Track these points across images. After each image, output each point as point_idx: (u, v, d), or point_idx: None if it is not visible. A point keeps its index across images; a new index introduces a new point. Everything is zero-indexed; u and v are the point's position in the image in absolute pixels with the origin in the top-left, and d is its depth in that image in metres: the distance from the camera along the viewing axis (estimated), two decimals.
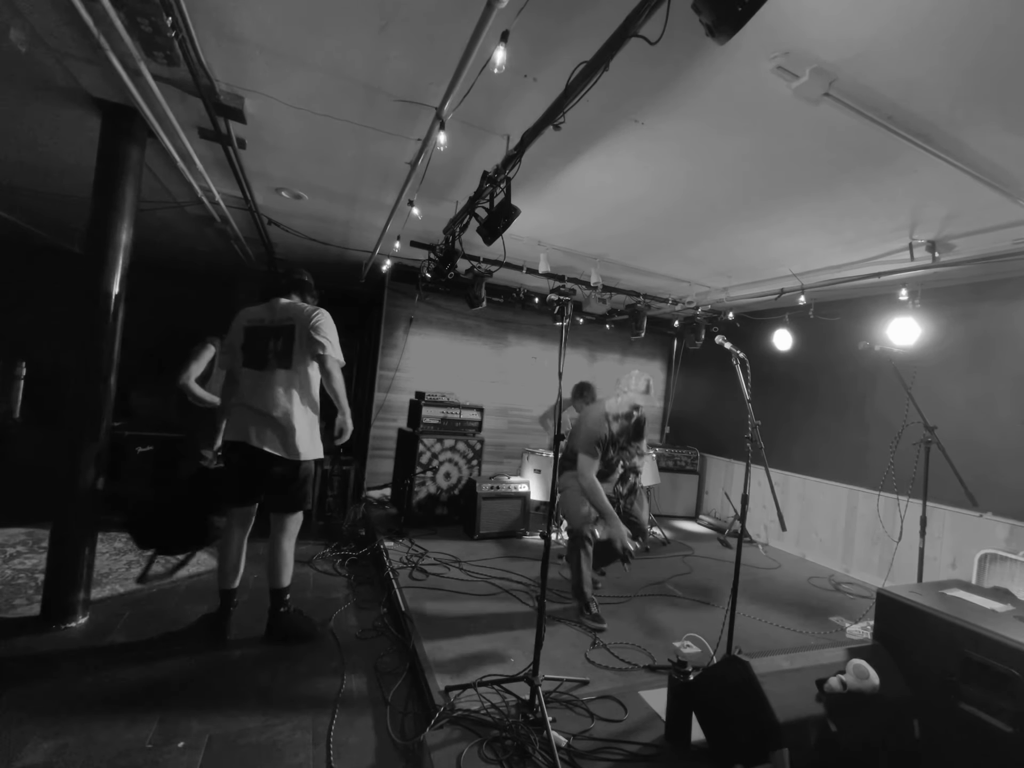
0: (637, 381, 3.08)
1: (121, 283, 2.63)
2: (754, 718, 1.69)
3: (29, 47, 2.09)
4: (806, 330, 4.82)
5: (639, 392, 3.07)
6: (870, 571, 4.20)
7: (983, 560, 3.35)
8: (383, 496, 5.18)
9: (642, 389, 3.07)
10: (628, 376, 3.14)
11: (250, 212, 3.80)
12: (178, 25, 1.84)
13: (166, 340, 5.41)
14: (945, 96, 1.87)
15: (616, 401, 3.15)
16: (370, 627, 2.83)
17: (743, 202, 2.98)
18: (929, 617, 1.96)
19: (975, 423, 3.67)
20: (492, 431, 5.86)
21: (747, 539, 5.02)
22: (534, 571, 3.47)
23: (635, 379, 3.09)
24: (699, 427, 6.47)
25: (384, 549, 3.74)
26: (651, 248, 4.02)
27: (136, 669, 2.27)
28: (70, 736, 1.84)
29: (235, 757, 1.82)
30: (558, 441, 2.19)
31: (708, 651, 2.64)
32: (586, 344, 6.63)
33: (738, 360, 2.51)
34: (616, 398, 3.16)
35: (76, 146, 3.01)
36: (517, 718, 1.94)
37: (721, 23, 1.23)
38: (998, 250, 3.13)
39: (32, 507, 4.04)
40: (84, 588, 2.61)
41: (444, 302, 5.77)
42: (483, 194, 2.70)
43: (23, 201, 4.16)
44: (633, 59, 1.70)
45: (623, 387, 3.13)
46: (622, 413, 3.14)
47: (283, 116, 2.50)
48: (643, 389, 3.07)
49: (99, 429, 2.59)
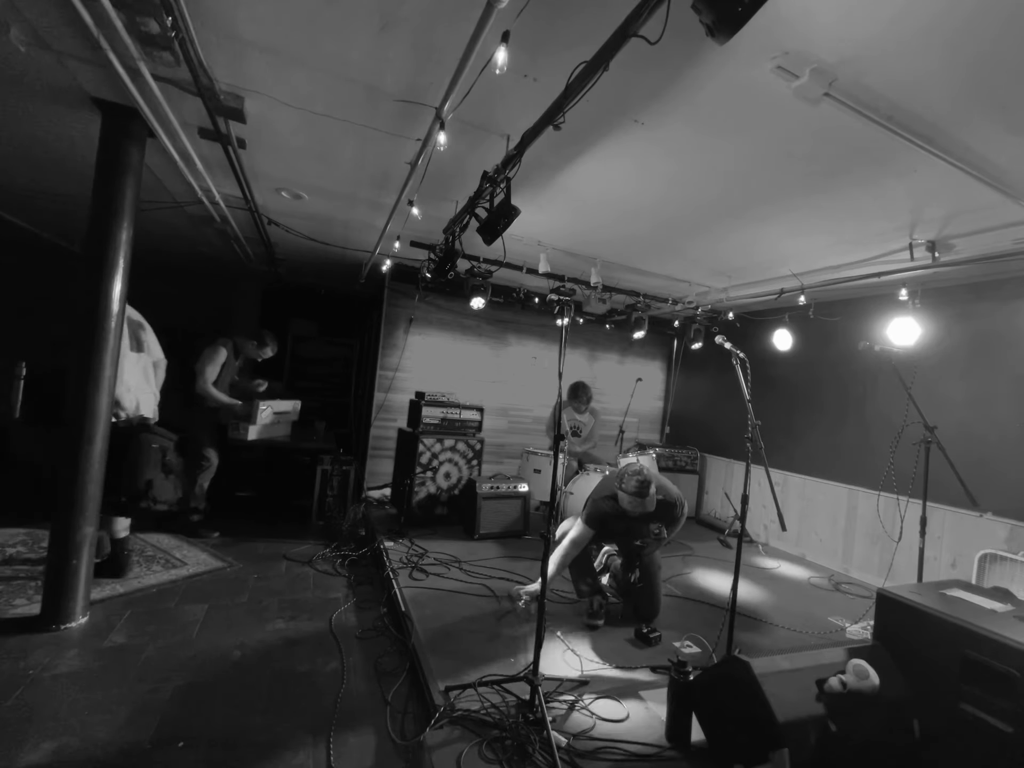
0: (627, 481, 2.75)
1: (121, 282, 2.63)
2: (754, 718, 1.69)
3: (29, 47, 2.09)
4: (806, 330, 4.82)
5: (627, 493, 2.73)
6: (870, 571, 4.20)
7: (983, 560, 3.36)
8: (383, 496, 5.18)
9: (630, 490, 2.71)
10: (624, 468, 2.85)
11: (250, 212, 3.80)
12: (178, 25, 1.84)
13: (166, 340, 5.40)
14: (945, 96, 1.87)
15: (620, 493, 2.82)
16: (370, 627, 2.83)
17: (743, 202, 2.98)
18: (929, 617, 1.96)
19: (975, 423, 3.67)
20: (492, 431, 5.86)
21: (747, 539, 5.02)
22: (534, 571, 3.47)
23: (627, 477, 2.76)
24: (699, 427, 6.47)
25: (384, 549, 3.74)
26: (651, 248, 4.02)
27: (136, 669, 2.27)
28: (70, 736, 1.84)
29: (235, 757, 1.82)
30: (558, 441, 2.19)
31: (708, 651, 2.64)
32: (586, 344, 6.63)
33: (738, 360, 2.51)
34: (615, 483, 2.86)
35: (76, 146, 3.01)
36: (517, 718, 1.94)
37: (721, 23, 1.23)
38: (998, 250, 3.12)
39: (32, 507, 4.05)
40: (84, 588, 2.61)
41: (444, 302, 5.77)
42: (483, 194, 2.69)
43: (23, 201, 4.16)
44: (633, 59, 1.70)
45: (618, 475, 2.84)
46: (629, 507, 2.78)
47: (283, 116, 2.50)
48: (631, 490, 2.71)
49: (99, 429, 2.59)
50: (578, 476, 4.71)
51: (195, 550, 3.74)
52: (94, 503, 2.61)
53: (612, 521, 2.91)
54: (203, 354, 3.99)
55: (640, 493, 2.72)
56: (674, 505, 2.95)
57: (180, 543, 3.83)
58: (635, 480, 2.73)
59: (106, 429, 2.63)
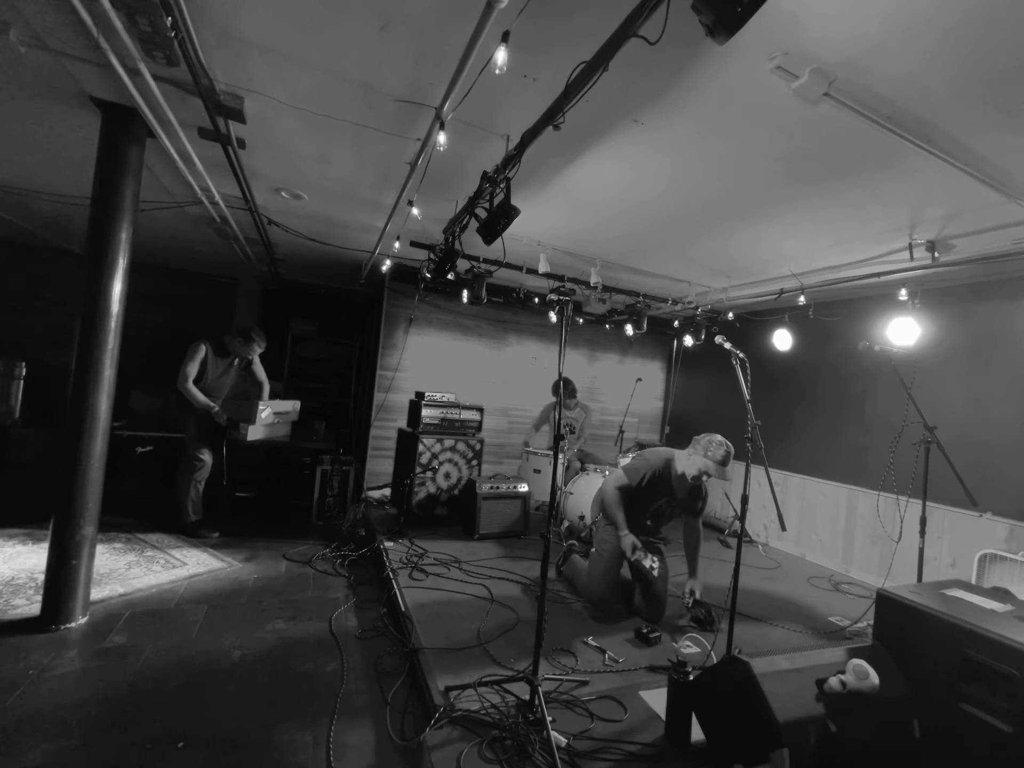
0: (716, 450, 2.73)
1: (121, 282, 2.63)
2: (754, 718, 1.69)
3: (29, 47, 2.09)
4: (806, 330, 4.82)
5: (714, 462, 2.72)
6: (870, 571, 4.20)
7: (983, 560, 3.36)
8: (383, 496, 5.18)
9: (719, 459, 2.71)
10: (708, 438, 2.79)
11: (250, 212, 3.80)
12: (178, 25, 1.84)
13: (166, 340, 5.40)
14: (945, 96, 1.87)
15: (687, 459, 2.86)
16: (370, 627, 2.83)
17: (743, 202, 2.98)
18: (929, 617, 1.96)
19: (975, 423, 3.67)
20: (492, 431, 5.86)
21: (747, 539, 5.02)
22: (534, 571, 3.47)
23: (715, 446, 2.74)
24: (699, 427, 6.36)
25: (384, 549, 3.74)
26: (651, 248, 4.02)
27: (136, 669, 2.27)
28: (70, 736, 1.84)
29: (235, 757, 1.82)
30: (558, 441, 2.19)
31: (708, 651, 2.64)
32: (586, 344, 6.63)
33: (738, 360, 2.51)
34: (688, 456, 2.86)
35: (76, 146, 3.01)
36: (517, 718, 1.94)
37: (720, 23, 1.23)
38: (998, 250, 3.13)
39: (32, 507, 4.04)
40: (84, 588, 2.61)
41: (444, 302, 5.77)
42: (483, 194, 2.69)
43: (23, 201, 4.16)
44: (633, 59, 1.70)
45: (699, 447, 2.81)
46: (689, 474, 2.83)
47: (283, 116, 2.50)
48: (719, 459, 2.71)
49: (99, 429, 2.60)
50: (578, 476, 4.71)
51: (195, 550, 3.74)
52: (94, 503, 2.61)
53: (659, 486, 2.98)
54: (186, 353, 3.99)
55: (726, 462, 2.76)
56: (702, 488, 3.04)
57: (180, 543, 3.83)
58: (724, 449, 2.76)
59: (106, 429, 2.63)
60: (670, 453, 3.03)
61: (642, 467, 3.01)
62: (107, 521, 3.07)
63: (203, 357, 4.00)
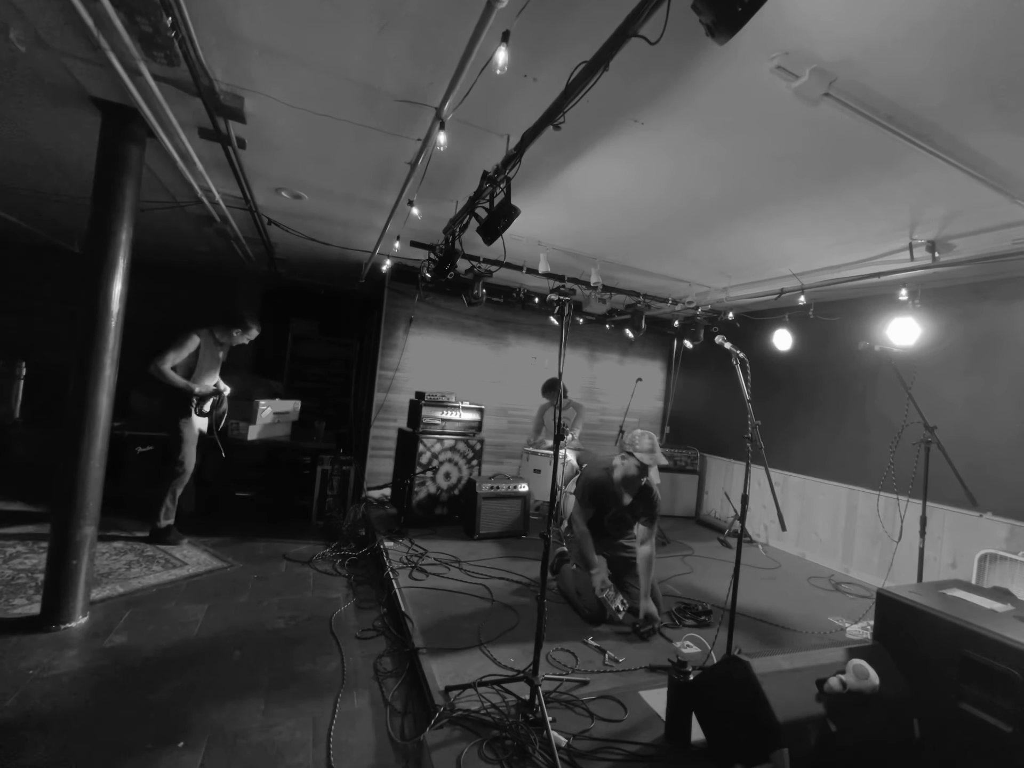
0: (640, 440, 2.90)
1: (121, 282, 2.63)
2: (754, 718, 1.69)
3: (29, 47, 2.09)
4: (806, 330, 4.82)
5: (642, 451, 2.87)
6: (870, 571, 4.20)
7: (983, 560, 3.36)
8: (383, 496, 5.18)
9: (645, 447, 2.87)
10: (630, 435, 2.96)
11: (250, 212, 3.80)
12: (178, 25, 1.84)
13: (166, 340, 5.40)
14: (945, 96, 1.87)
15: (622, 462, 2.97)
16: (370, 627, 2.83)
17: (743, 202, 2.98)
18: (929, 617, 1.96)
19: (975, 423, 3.67)
20: (492, 431, 5.86)
21: (747, 539, 5.02)
22: (534, 571, 3.47)
23: (638, 438, 2.92)
24: (699, 427, 6.47)
25: (384, 549, 3.74)
26: (651, 248, 4.02)
27: (136, 669, 2.27)
28: (70, 737, 1.84)
29: (235, 757, 1.82)
30: (558, 441, 2.19)
31: (708, 651, 2.64)
32: (586, 344, 6.63)
33: (738, 360, 2.51)
34: (622, 459, 2.99)
35: (76, 146, 3.01)
36: (517, 718, 1.94)
37: (721, 23, 1.23)
38: (998, 250, 3.12)
39: (32, 506, 4.05)
40: (84, 588, 2.61)
41: (444, 302, 5.77)
42: (483, 194, 2.69)
43: (23, 201, 4.16)
44: (633, 59, 1.70)
45: (626, 447, 2.94)
46: (630, 474, 2.94)
47: (283, 116, 2.50)
48: (646, 448, 2.86)
49: (99, 429, 2.59)
50: (578, 476, 4.71)
51: (195, 550, 3.74)
52: (94, 503, 2.61)
53: (603, 497, 3.04)
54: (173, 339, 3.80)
55: (653, 448, 2.87)
56: (651, 489, 3.09)
57: (180, 543, 3.83)
58: (646, 437, 2.87)
59: (106, 429, 2.63)
60: (608, 462, 3.09)
61: (582, 486, 3.07)
62: (107, 521, 3.07)
63: (194, 349, 3.88)
